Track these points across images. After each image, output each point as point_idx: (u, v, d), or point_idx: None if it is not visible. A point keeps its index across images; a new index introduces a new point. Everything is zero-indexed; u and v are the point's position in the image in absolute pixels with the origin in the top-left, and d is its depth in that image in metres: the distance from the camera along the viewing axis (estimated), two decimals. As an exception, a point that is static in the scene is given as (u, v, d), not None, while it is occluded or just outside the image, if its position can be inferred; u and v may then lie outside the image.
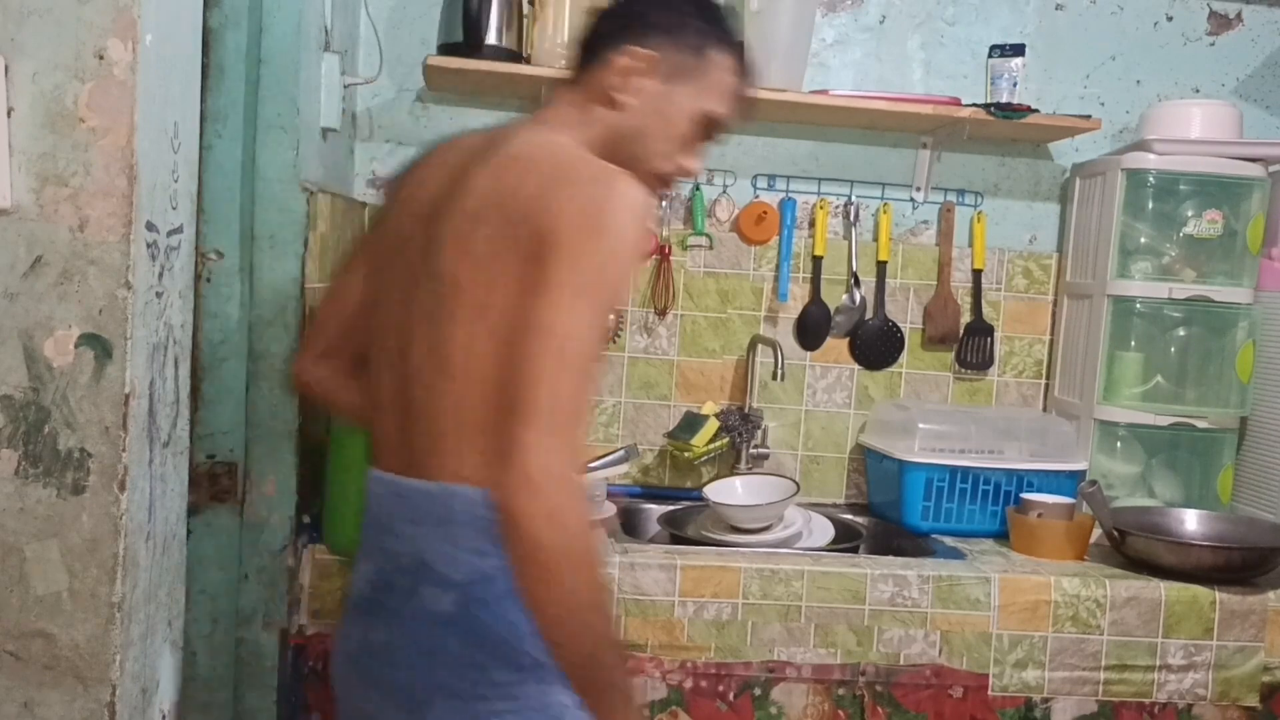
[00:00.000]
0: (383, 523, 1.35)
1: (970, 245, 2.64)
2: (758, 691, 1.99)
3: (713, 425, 2.49)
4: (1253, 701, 2.06)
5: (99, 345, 1.10)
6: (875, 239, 2.61)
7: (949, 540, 2.28)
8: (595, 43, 1.47)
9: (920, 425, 2.37)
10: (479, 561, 1.25)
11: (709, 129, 1.46)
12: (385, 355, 1.37)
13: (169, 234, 1.21)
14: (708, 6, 1.47)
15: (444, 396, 1.27)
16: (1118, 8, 2.65)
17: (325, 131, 2.06)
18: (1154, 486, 2.50)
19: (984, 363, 2.65)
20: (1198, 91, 2.67)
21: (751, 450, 2.55)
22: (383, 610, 1.32)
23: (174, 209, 1.23)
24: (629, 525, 2.37)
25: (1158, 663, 2.03)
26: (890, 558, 2.11)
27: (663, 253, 2.54)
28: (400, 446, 1.34)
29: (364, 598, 1.36)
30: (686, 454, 2.47)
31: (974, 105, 2.44)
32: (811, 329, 2.61)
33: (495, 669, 1.26)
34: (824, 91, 2.44)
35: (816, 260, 2.60)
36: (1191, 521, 2.28)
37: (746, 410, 2.56)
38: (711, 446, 2.48)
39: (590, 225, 1.21)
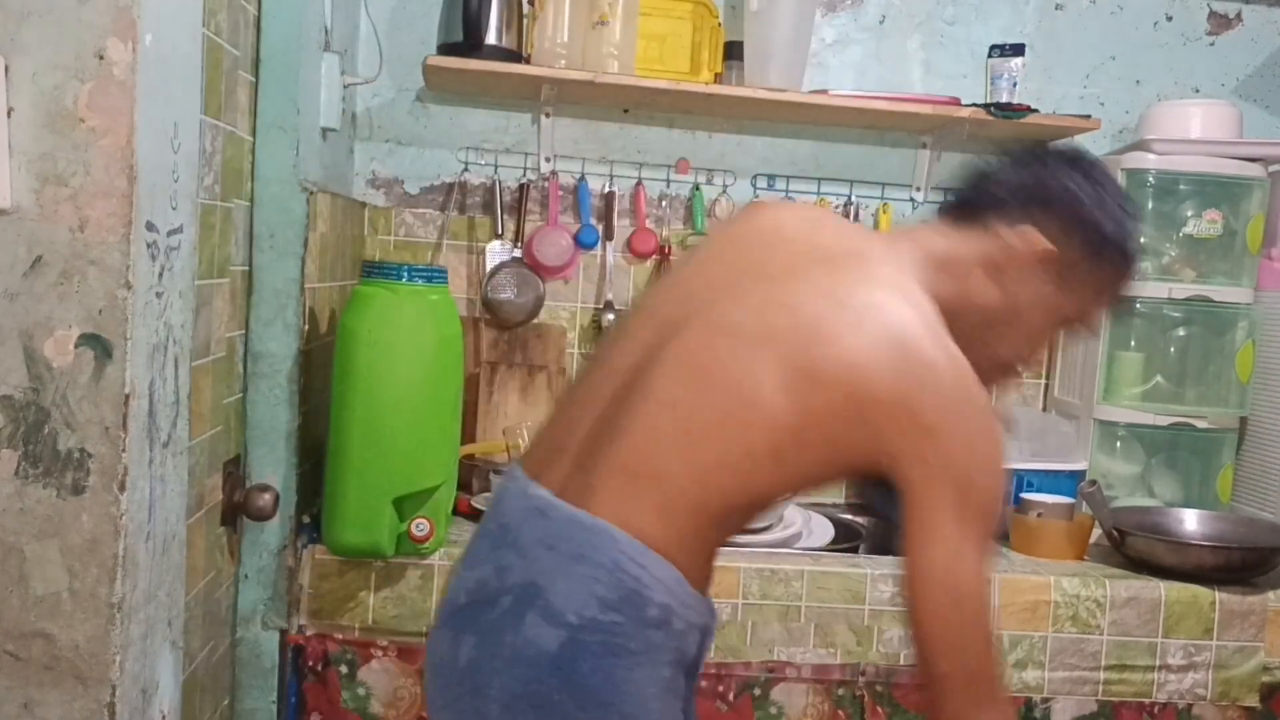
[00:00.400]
0: (509, 536, 1.26)
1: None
2: (757, 692, 1.99)
3: (713, 425, 2.48)
4: (1252, 701, 2.06)
5: (99, 345, 1.10)
6: (875, 239, 2.61)
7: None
8: (986, 200, 1.34)
9: (920, 425, 2.37)
10: (599, 613, 1.18)
11: (1077, 326, 1.37)
12: (606, 375, 1.30)
13: (169, 234, 1.21)
14: (1123, 211, 1.33)
15: (656, 451, 1.21)
16: (1117, 8, 2.65)
17: (325, 131, 2.06)
18: (1154, 486, 2.50)
19: (984, 363, 2.64)
20: (1197, 91, 2.67)
21: (751, 450, 2.54)
22: (476, 626, 1.24)
23: (174, 209, 1.23)
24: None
25: (1157, 663, 2.03)
26: (890, 558, 2.11)
27: (662, 253, 2.54)
28: (572, 470, 1.26)
29: (458, 607, 1.28)
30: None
31: (974, 105, 2.44)
32: (811, 329, 2.60)
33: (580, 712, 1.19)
34: (824, 91, 2.44)
35: (816, 260, 2.60)
36: (1191, 521, 2.28)
37: (746, 410, 2.55)
38: (711, 446, 2.47)
39: (968, 455, 1.16)
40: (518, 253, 2.49)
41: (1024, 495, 2.27)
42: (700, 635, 1.28)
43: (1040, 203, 1.31)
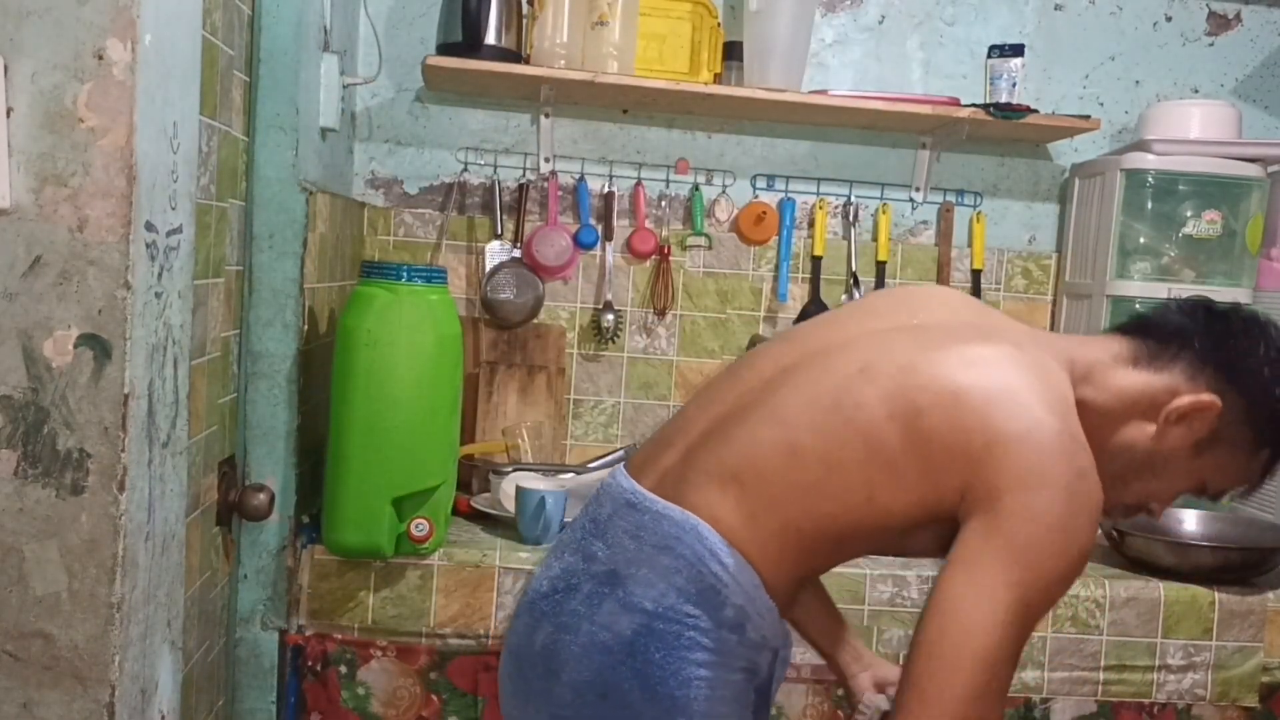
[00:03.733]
0: (599, 526, 1.28)
1: (969, 245, 2.64)
2: (757, 692, 1.98)
3: (712, 425, 2.48)
4: (1252, 702, 2.06)
5: (98, 345, 1.10)
6: (874, 239, 2.61)
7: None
8: (1180, 339, 1.26)
9: (919, 425, 2.37)
10: (677, 601, 1.20)
11: (1208, 494, 1.30)
12: (733, 385, 1.32)
13: (168, 234, 1.21)
14: None
15: (757, 458, 1.22)
16: (1117, 8, 2.65)
17: (324, 131, 2.06)
18: (1153, 487, 2.50)
19: (983, 363, 2.64)
20: (1197, 92, 2.67)
21: (751, 450, 2.54)
22: (558, 612, 1.26)
23: (173, 209, 1.22)
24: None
25: (1157, 663, 2.03)
26: (890, 558, 2.10)
27: (662, 253, 2.54)
28: (673, 466, 1.28)
29: (540, 595, 1.29)
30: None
31: (973, 105, 2.44)
32: (811, 329, 2.60)
33: (649, 717, 1.20)
34: (823, 91, 2.44)
35: (816, 260, 2.60)
36: (1191, 522, 2.28)
37: (746, 410, 2.55)
38: (711, 447, 2.47)
39: (1040, 522, 1.09)
40: (517, 253, 2.49)
41: (1023, 495, 2.27)
42: (772, 656, 1.27)
43: (1230, 361, 1.24)
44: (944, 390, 1.16)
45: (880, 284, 2.61)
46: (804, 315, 2.60)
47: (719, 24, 2.47)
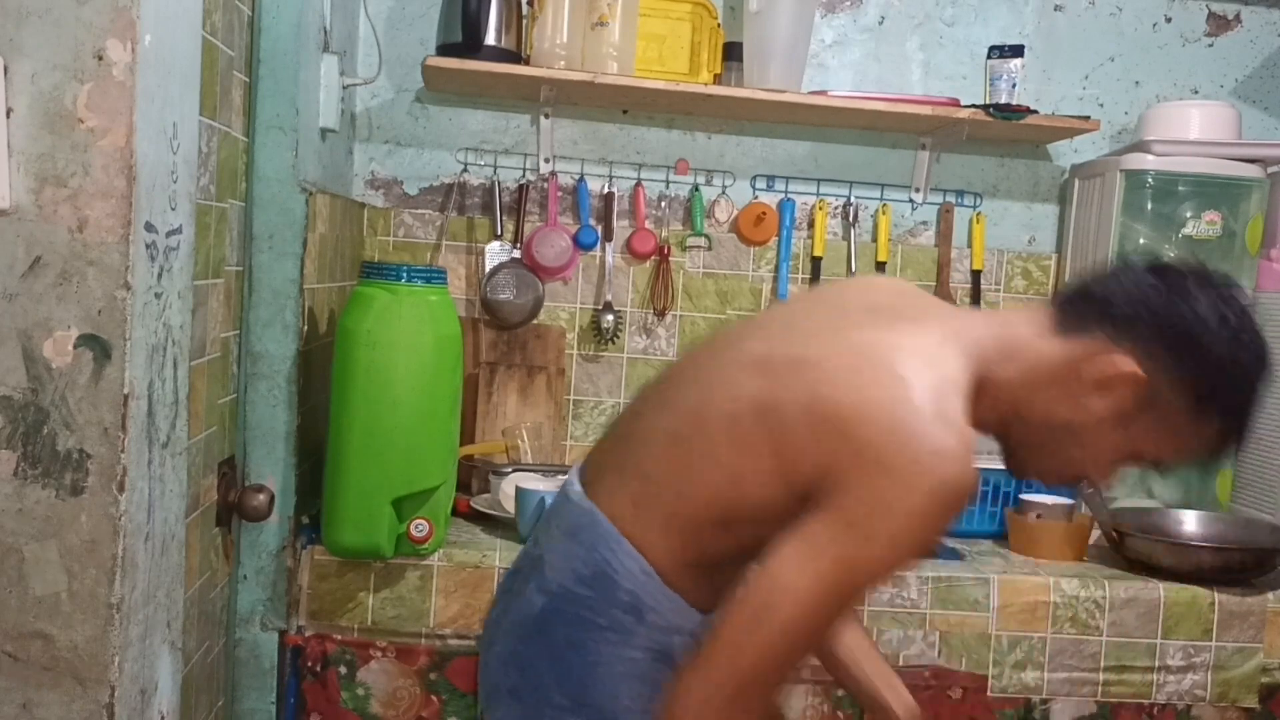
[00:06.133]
0: (547, 517, 1.42)
1: (969, 246, 2.64)
2: (757, 692, 1.98)
3: (712, 426, 2.48)
4: (1251, 702, 2.06)
5: (98, 346, 1.10)
6: (874, 240, 2.61)
7: (948, 541, 2.27)
8: (1098, 305, 1.21)
9: (919, 426, 2.36)
10: (575, 584, 1.27)
11: (1147, 465, 1.27)
12: (660, 379, 1.40)
13: (168, 235, 1.21)
14: (1251, 369, 1.19)
15: (647, 451, 1.28)
16: (1116, 9, 2.65)
17: (324, 132, 2.06)
18: (1153, 487, 2.50)
19: (983, 363, 2.64)
20: (1196, 92, 2.67)
21: (750, 451, 2.54)
22: (504, 592, 1.40)
23: (173, 209, 1.22)
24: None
25: (1157, 664, 2.03)
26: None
27: (662, 254, 2.54)
28: (597, 459, 1.37)
29: (504, 577, 1.44)
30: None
31: (973, 106, 2.44)
32: (810, 330, 2.60)
33: (555, 692, 1.28)
34: (823, 92, 2.44)
35: (815, 261, 2.60)
36: (1190, 522, 2.28)
37: (745, 411, 2.55)
38: (710, 447, 2.47)
39: (870, 483, 1.10)
40: (517, 253, 2.49)
41: (1023, 496, 2.27)
42: (689, 640, 1.28)
43: (1155, 325, 1.18)
44: (808, 380, 1.17)
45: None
46: (804, 316, 2.59)
47: (719, 24, 2.47)
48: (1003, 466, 1.31)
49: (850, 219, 2.60)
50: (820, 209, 2.59)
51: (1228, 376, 1.17)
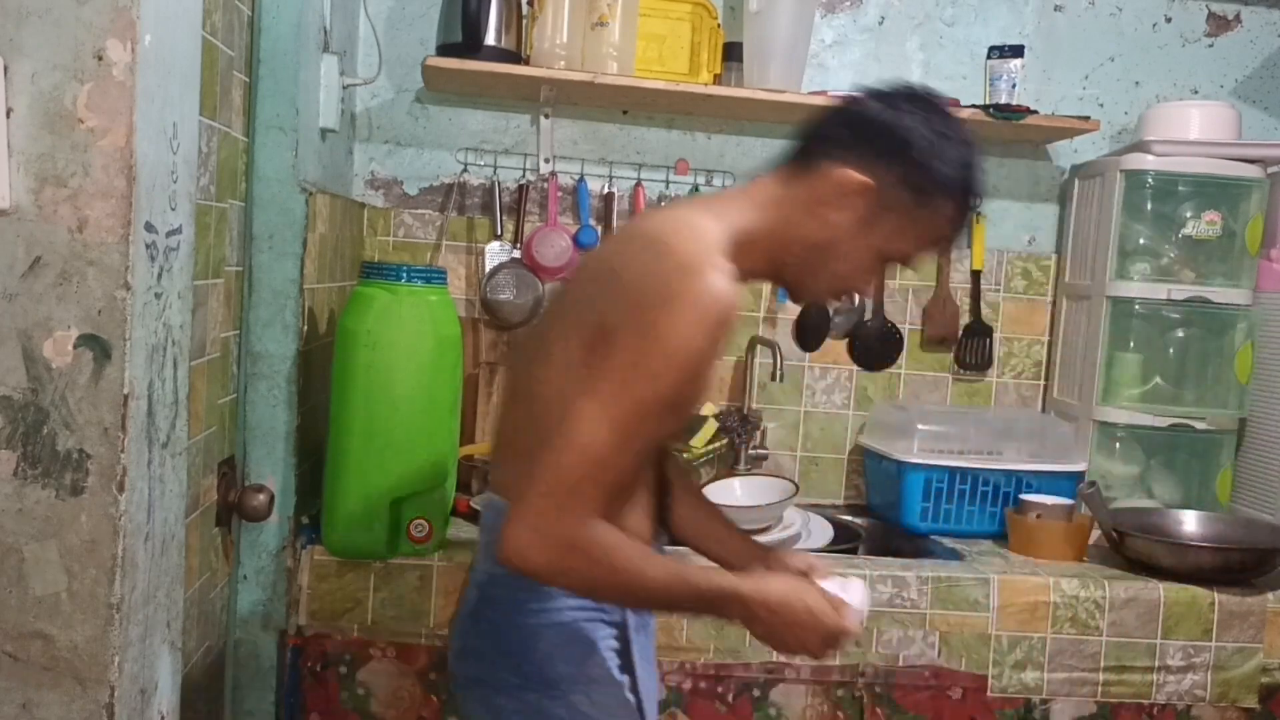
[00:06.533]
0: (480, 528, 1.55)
1: (969, 246, 2.64)
2: (757, 693, 1.98)
3: (711, 426, 2.49)
4: (1251, 703, 2.06)
5: (98, 346, 1.10)
6: (874, 240, 2.60)
7: (948, 541, 2.28)
8: (819, 142, 1.38)
9: (919, 426, 2.37)
10: (494, 567, 1.36)
11: (900, 262, 1.41)
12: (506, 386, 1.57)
13: (168, 235, 1.21)
14: (966, 152, 1.37)
15: (511, 424, 1.44)
16: (1116, 9, 2.65)
17: (324, 132, 2.06)
18: (1153, 487, 2.50)
19: (983, 364, 2.65)
20: (1196, 93, 2.67)
21: (750, 451, 2.55)
22: (461, 600, 1.53)
23: (173, 210, 1.22)
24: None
25: (1157, 664, 2.03)
26: (889, 559, 2.11)
27: (662, 253, 2.54)
28: (493, 465, 1.51)
29: None
30: (685, 455, 2.47)
31: (973, 106, 2.44)
32: (810, 330, 2.61)
33: (504, 671, 1.41)
34: (823, 92, 2.43)
35: (815, 261, 2.59)
36: (1190, 522, 2.28)
37: (745, 411, 2.56)
38: (710, 447, 2.48)
39: (639, 317, 1.24)
40: (517, 253, 2.49)
41: (1023, 496, 2.27)
42: None
43: (868, 140, 1.34)
44: (589, 271, 1.40)
45: (879, 285, 2.61)
46: (804, 316, 2.60)
47: (719, 24, 2.47)
48: (789, 297, 1.49)
49: (850, 219, 2.60)
50: (820, 209, 2.59)
51: (938, 161, 1.33)
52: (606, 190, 2.54)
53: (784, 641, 1.35)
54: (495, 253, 2.49)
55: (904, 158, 1.33)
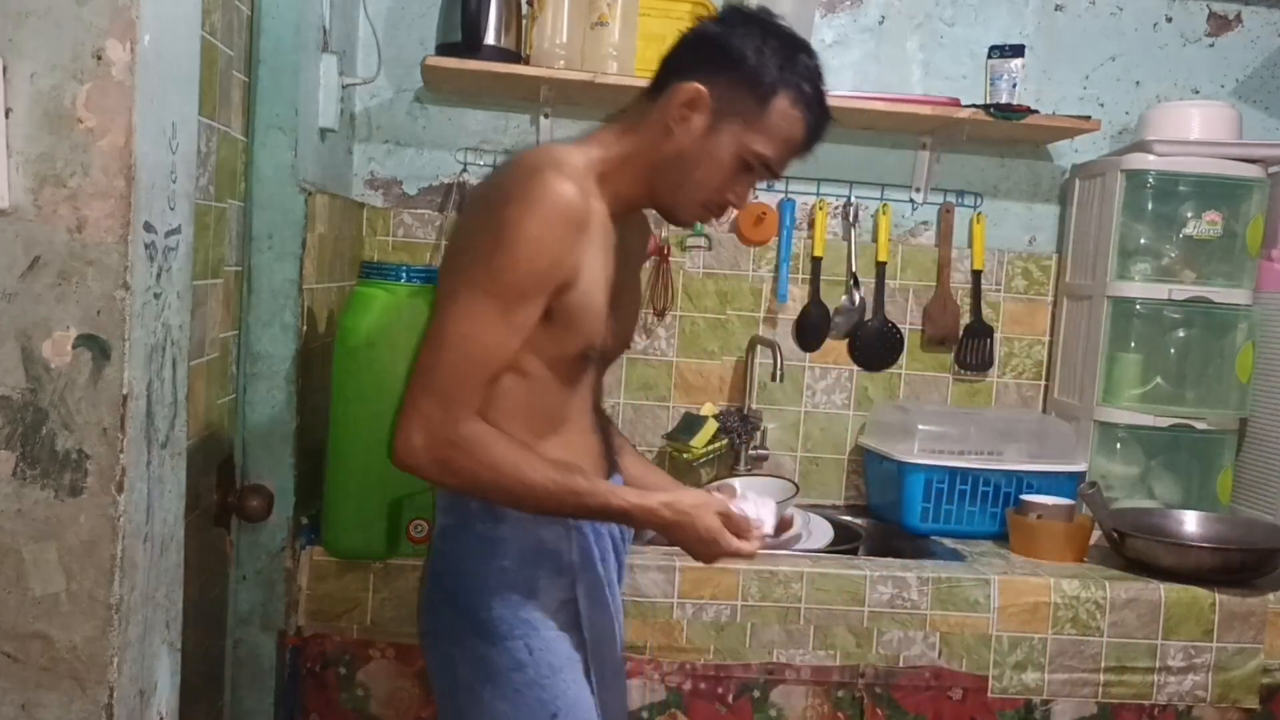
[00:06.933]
0: None
1: (970, 246, 2.64)
2: (757, 693, 1.98)
3: (711, 426, 2.49)
4: (1252, 703, 2.06)
5: (97, 346, 1.10)
6: (874, 240, 2.61)
7: (948, 542, 2.27)
8: (666, 70, 1.50)
9: (920, 426, 2.37)
10: (442, 521, 1.53)
11: (756, 167, 1.49)
12: None
13: (167, 235, 1.21)
14: (793, 52, 1.47)
15: None
16: (1117, 8, 2.65)
17: (323, 132, 2.06)
18: (1153, 488, 2.50)
19: (983, 364, 2.65)
20: (1197, 92, 2.67)
21: (750, 451, 2.55)
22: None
23: (172, 209, 1.22)
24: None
25: (1157, 664, 2.03)
26: (890, 559, 2.11)
27: (661, 254, 2.54)
28: None
29: None
30: (685, 455, 2.47)
31: (973, 106, 2.44)
32: (811, 330, 2.60)
33: (451, 616, 1.50)
34: (823, 92, 2.43)
35: (815, 261, 2.60)
36: (1191, 523, 2.28)
37: (745, 411, 2.56)
38: (710, 448, 2.48)
39: (489, 214, 1.38)
40: (517, 253, 2.48)
41: (1024, 497, 2.27)
42: (565, 530, 1.49)
43: (704, 55, 1.47)
44: (470, 201, 1.56)
45: (880, 285, 2.61)
46: (804, 316, 2.60)
47: (719, 24, 2.47)
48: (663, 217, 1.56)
49: (850, 219, 2.60)
50: (820, 209, 2.59)
51: (766, 60, 1.43)
52: (606, 190, 2.53)
53: (689, 551, 1.48)
54: (495, 253, 2.48)
55: (734, 63, 1.44)
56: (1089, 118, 2.48)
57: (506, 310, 1.37)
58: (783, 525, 1.62)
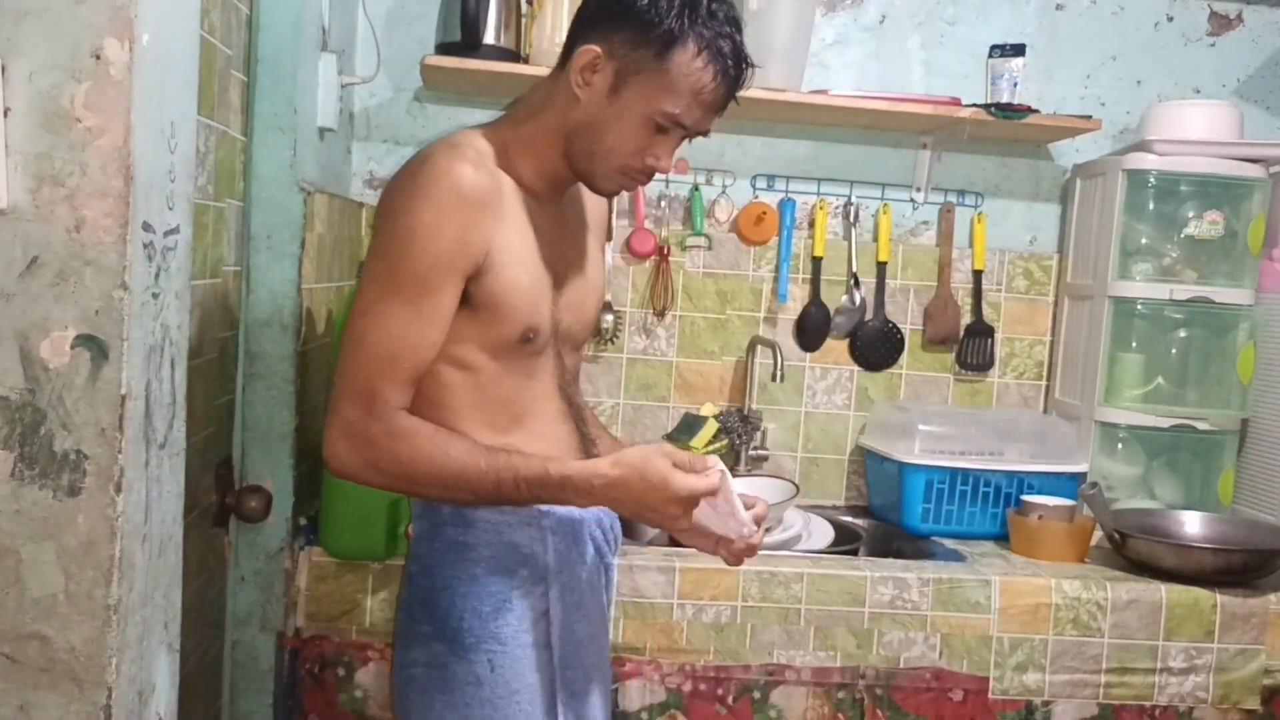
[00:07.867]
0: None
1: (970, 246, 2.63)
2: (757, 694, 1.98)
3: (712, 427, 2.48)
4: (1253, 705, 2.05)
5: (95, 346, 1.09)
6: (875, 240, 2.60)
7: (949, 542, 2.27)
8: (572, 34, 1.46)
9: (920, 427, 2.37)
10: (419, 525, 1.51)
11: (668, 127, 1.42)
12: None
13: (166, 234, 1.20)
14: (693, 6, 1.39)
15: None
16: (1118, 8, 2.65)
17: (322, 131, 2.05)
18: (1155, 488, 2.50)
19: (984, 364, 2.64)
20: (1198, 92, 2.67)
21: (751, 452, 2.54)
22: None
23: (171, 209, 1.22)
24: (627, 527, 2.36)
25: (1158, 666, 2.03)
26: (890, 560, 2.10)
27: (661, 253, 2.54)
28: None
29: None
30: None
31: (974, 105, 2.44)
32: (811, 330, 2.60)
33: (420, 619, 1.49)
34: (823, 92, 2.43)
35: (816, 261, 2.59)
36: (1192, 523, 2.28)
37: (746, 412, 2.55)
38: (711, 448, 2.47)
39: (385, 209, 1.38)
40: (516, 253, 2.48)
41: (1025, 497, 2.27)
42: (538, 529, 1.47)
43: (600, 16, 1.42)
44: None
45: (881, 285, 2.61)
46: (804, 316, 2.59)
47: (719, 24, 2.46)
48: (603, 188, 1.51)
49: (851, 219, 2.59)
50: (821, 209, 2.58)
51: (660, 11, 1.37)
52: (606, 190, 2.53)
53: (638, 514, 1.42)
54: (495, 252, 2.48)
55: (629, 18, 1.38)
56: (1090, 117, 2.48)
57: (413, 301, 1.35)
58: (747, 505, 1.49)
